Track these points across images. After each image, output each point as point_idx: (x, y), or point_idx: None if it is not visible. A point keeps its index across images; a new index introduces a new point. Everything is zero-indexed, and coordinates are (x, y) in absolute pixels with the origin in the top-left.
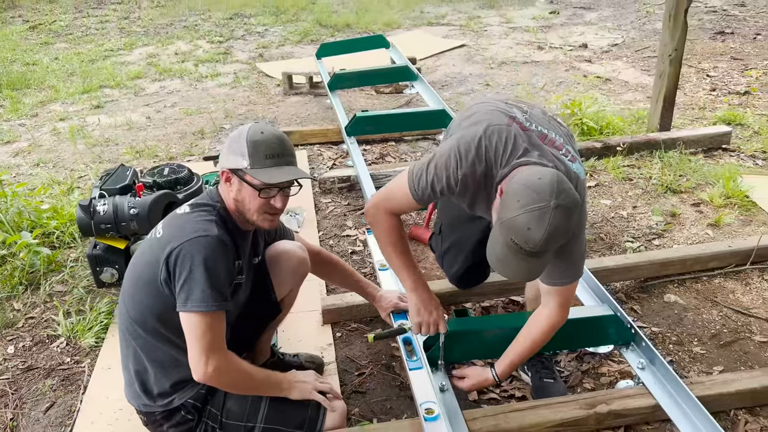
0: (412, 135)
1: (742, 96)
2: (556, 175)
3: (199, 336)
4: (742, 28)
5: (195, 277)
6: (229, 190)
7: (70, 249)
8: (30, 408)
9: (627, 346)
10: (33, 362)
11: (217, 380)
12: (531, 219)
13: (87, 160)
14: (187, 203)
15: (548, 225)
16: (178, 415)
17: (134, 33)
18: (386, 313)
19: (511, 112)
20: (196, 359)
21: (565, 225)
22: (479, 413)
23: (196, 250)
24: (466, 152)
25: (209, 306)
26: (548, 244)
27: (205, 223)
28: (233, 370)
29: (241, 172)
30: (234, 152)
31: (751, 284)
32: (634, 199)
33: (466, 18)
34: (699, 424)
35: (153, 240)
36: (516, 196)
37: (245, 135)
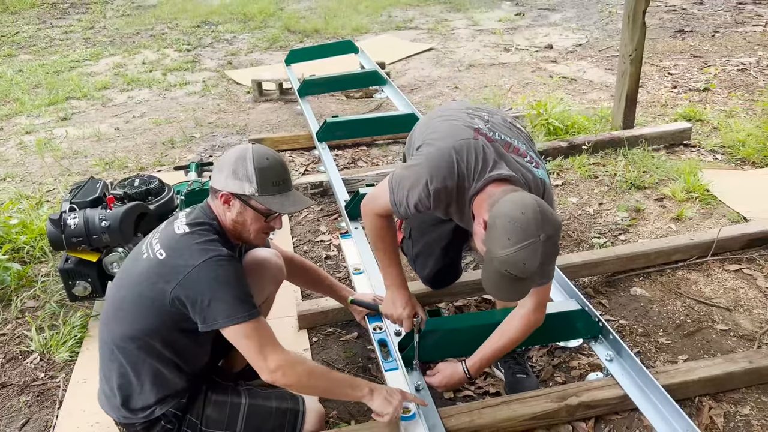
0: (383, 139)
1: (702, 93)
2: (537, 205)
3: (247, 345)
4: (701, 26)
5: (219, 297)
6: (226, 210)
7: (41, 263)
8: (5, 426)
9: (595, 339)
10: (6, 379)
11: (285, 378)
12: (526, 255)
13: (55, 174)
14: (185, 222)
15: (541, 255)
16: (158, 426)
17: (100, 43)
18: (361, 316)
19: (475, 124)
20: (256, 364)
21: (555, 249)
22: (454, 410)
23: (214, 272)
24: (437, 169)
25: (243, 317)
26: (542, 270)
27: (212, 243)
28: (298, 366)
29: (245, 197)
30: (239, 177)
31: (712, 275)
32: (599, 196)
33: (433, 21)
34: (665, 412)
35: (153, 260)
36: (506, 234)
37: (251, 161)
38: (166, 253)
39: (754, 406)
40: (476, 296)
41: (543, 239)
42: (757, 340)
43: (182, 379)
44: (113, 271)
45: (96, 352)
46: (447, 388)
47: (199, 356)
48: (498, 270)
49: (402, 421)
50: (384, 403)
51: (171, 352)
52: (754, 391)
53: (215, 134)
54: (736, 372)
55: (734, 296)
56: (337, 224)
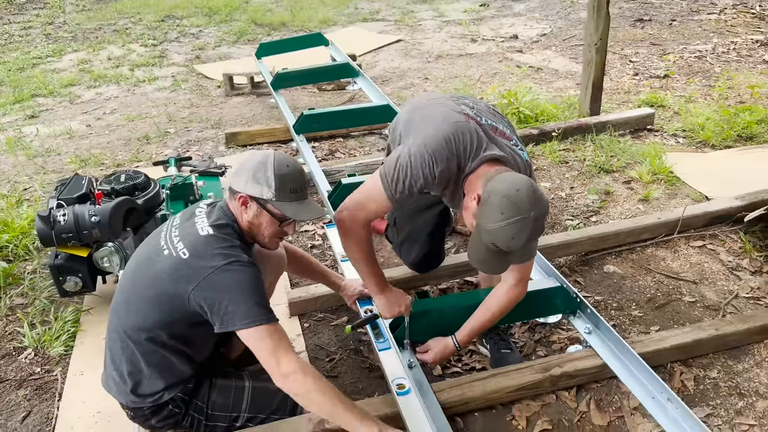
0: (359, 130)
1: (662, 79)
2: (530, 185)
3: (261, 347)
4: (659, 14)
5: (238, 300)
6: (243, 212)
7: (26, 261)
8: (5, 419)
9: (574, 314)
10: (2, 375)
11: (295, 385)
12: (515, 230)
13: (29, 172)
14: (206, 220)
15: (529, 232)
16: (166, 410)
17: (62, 39)
18: (352, 300)
19: (463, 110)
20: (269, 368)
21: (541, 228)
22: (445, 385)
23: (234, 276)
24: (439, 150)
25: (259, 321)
26: (529, 245)
27: (234, 249)
28: (309, 377)
29: (263, 200)
30: (258, 181)
31: (678, 251)
32: (570, 180)
33: (399, 13)
34: (641, 378)
35: (176, 258)
36: (499, 209)
37: (272, 167)
38: (190, 254)
39: (720, 370)
40: (459, 279)
41: (533, 217)
42: (722, 310)
43: (190, 366)
44: (104, 265)
45: (91, 346)
46: (439, 361)
47: (206, 346)
48: (486, 243)
49: (398, 396)
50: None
51: (181, 343)
52: (721, 356)
53: (189, 129)
54: (704, 339)
55: (699, 270)
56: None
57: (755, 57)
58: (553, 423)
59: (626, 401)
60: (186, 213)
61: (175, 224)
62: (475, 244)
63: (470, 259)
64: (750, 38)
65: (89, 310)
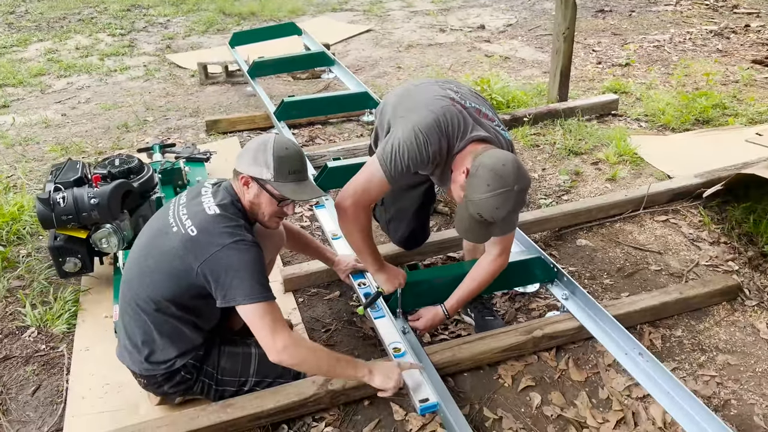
0: (337, 117)
1: (624, 67)
2: (515, 160)
3: (259, 323)
4: (619, 6)
5: (243, 277)
6: (245, 192)
7: (19, 246)
8: (16, 393)
9: (552, 282)
10: (8, 352)
11: (290, 358)
12: (499, 201)
13: (10, 160)
14: (212, 200)
15: (512, 204)
16: (178, 376)
17: (25, 28)
18: (345, 275)
19: (448, 94)
20: (265, 343)
21: (523, 201)
22: (437, 348)
23: (239, 254)
24: (431, 132)
25: (261, 296)
26: (510, 217)
27: (239, 228)
28: (302, 347)
29: (262, 181)
30: (258, 163)
31: (644, 225)
32: (542, 162)
33: (368, 3)
34: (615, 336)
35: (183, 236)
36: (486, 181)
37: (271, 148)
38: (198, 231)
39: (684, 329)
40: (442, 254)
41: (516, 189)
42: (685, 276)
43: (199, 335)
44: (102, 246)
45: (93, 323)
46: (430, 328)
47: (213, 316)
48: (472, 213)
49: (395, 358)
50: (384, 380)
51: (190, 313)
52: (685, 317)
53: (168, 117)
54: (670, 302)
55: (664, 242)
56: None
57: (709, 46)
58: (535, 380)
59: (601, 359)
60: (192, 192)
61: (182, 203)
62: (462, 214)
63: (457, 228)
64: (704, 28)
65: (88, 290)
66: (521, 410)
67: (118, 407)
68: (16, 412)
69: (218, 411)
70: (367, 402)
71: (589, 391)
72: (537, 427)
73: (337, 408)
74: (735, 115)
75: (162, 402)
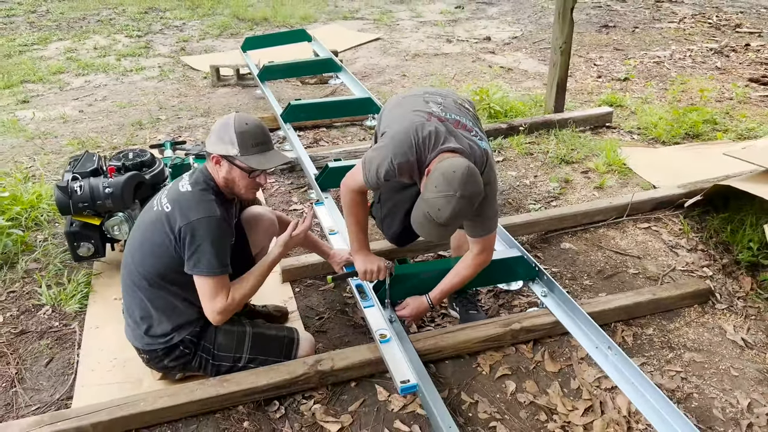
0: (341, 121)
1: (623, 82)
2: (467, 169)
3: (208, 293)
4: (623, 21)
5: (204, 250)
6: (218, 170)
7: (36, 231)
8: (31, 364)
9: (533, 280)
10: (24, 327)
11: (227, 313)
12: (441, 202)
13: (29, 153)
14: (187, 180)
15: (452, 208)
16: (177, 350)
17: (46, 27)
18: (339, 267)
19: (429, 108)
20: (208, 310)
21: (467, 209)
22: (421, 336)
23: (205, 229)
24: (400, 147)
25: (215, 271)
26: (452, 221)
27: (209, 203)
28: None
29: (230, 157)
30: (223, 141)
31: (626, 231)
32: (534, 170)
33: (378, 12)
34: (587, 331)
35: (159, 212)
36: (435, 183)
37: (232, 125)
38: (171, 206)
39: (656, 328)
40: (432, 252)
41: (458, 196)
42: (660, 280)
43: (193, 310)
44: (114, 233)
45: (103, 304)
46: (415, 317)
47: None
48: (423, 210)
49: (381, 344)
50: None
51: (178, 288)
52: (657, 317)
53: (180, 116)
54: (643, 302)
55: (644, 248)
56: (307, 195)
57: (708, 64)
58: (512, 369)
59: (575, 353)
60: (178, 178)
61: (167, 188)
62: (417, 210)
63: (413, 222)
64: (705, 46)
65: (100, 274)
66: (496, 396)
67: (123, 380)
68: (31, 381)
69: (215, 385)
70: (353, 383)
71: (561, 381)
72: (510, 411)
73: (326, 388)
74: (725, 130)
75: (163, 377)
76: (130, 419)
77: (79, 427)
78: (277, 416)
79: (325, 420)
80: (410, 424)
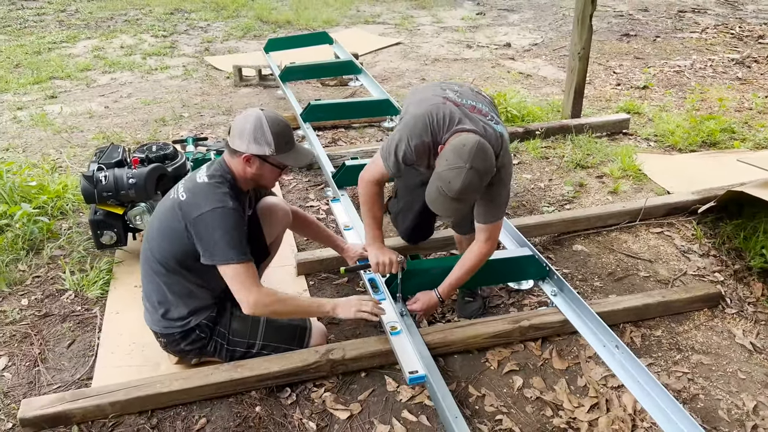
0: (360, 122)
1: (642, 90)
2: (478, 144)
3: (234, 280)
4: (645, 31)
5: (218, 239)
6: (247, 167)
7: (61, 220)
8: (54, 345)
9: (543, 280)
10: (48, 311)
11: (262, 309)
12: (452, 175)
13: (56, 145)
14: (204, 172)
15: (462, 180)
16: (193, 335)
17: (75, 26)
18: (353, 261)
19: (445, 94)
20: (240, 298)
21: (477, 182)
22: (431, 329)
23: (219, 220)
24: (415, 128)
25: (234, 258)
26: (463, 194)
27: (223, 195)
28: (271, 299)
29: (265, 156)
30: (259, 142)
31: (639, 236)
32: (549, 173)
33: (400, 17)
34: (595, 329)
35: (176, 200)
36: (445, 156)
37: (267, 127)
38: (187, 196)
39: (664, 330)
40: (445, 251)
41: (467, 168)
42: (671, 283)
43: (209, 295)
44: (136, 223)
45: (124, 291)
46: (425, 311)
47: (217, 279)
48: (435, 184)
49: (391, 336)
50: (346, 310)
51: (194, 273)
52: (666, 319)
53: (202, 114)
54: (652, 304)
55: (656, 252)
56: (324, 193)
57: (729, 74)
58: (519, 366)
59: (583, 351)
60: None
61: (186, 178)
62: (431, 185)
63: (426, 198)
64: (727, 57)
65: (121, 262)
66: (503, 390)
67: (141, 363)
68: (53, 361)
69: (230, 370)
70: (363, 374)
71: (568, 378)
72: (516, 406)
73: (336, 377)
74: (742, 139)
75: (180, 362)
76: (147, 400)
77: (98, 405)
78: (289, 402)
79: (335, 408)
80: (417, 414)
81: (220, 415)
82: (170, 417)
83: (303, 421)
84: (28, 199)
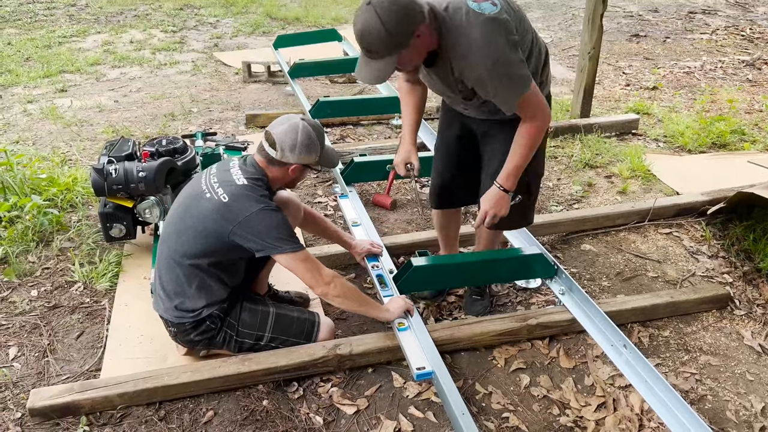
0: (368, 119)
1: (651, 90)
2: None
3: (302, 266)
4: (655, 31)
5: (274, 235)
6: (287, 172)
7: (71, 212)
8: (63, 336)
9: (551, 278)
10: (57, 302)
11: (334, 288)
12: (355, 18)
13: (65, 138)
14: (241, 174)
15: (360, 20)
16: (204, 325)
17: (85, 20)
18: (361, 257)
19: None
20: (314, 280)
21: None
22: (438, 326)
23: (268, 218)
24: None
25: (294, 248)
26: (365, 40)
27: (265, 197)
28: (343, 282)
29: (311, 164)
30: (309, 153)
31: (648, 236)
32: (558, 173)
33: None
34: (603, 328)
35: (218, 202)
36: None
37: (315, 139)
38: (230, 198)
39: (672, 330)
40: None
41: (365, 3)
42: (679, 284)
43: (224, 289)
44: (146, 216)
45: (133, 283)
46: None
47: (238, 274)
48: None
49: (399, 332)
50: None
51: (218, 269)
52: (674, 320)
53: (211, 110)
54: (660, 304)
55: (664, 252)
56: (332, 189)
57: (740, 75)
58: (527, 364)
59: (590, 351)
60: (222, 165)
61: (212, 173)
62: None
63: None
64: (737, 58)
65: (130, 255)
66: (510, 388)
67: (149, 355)
68: (62, 352)
69: (237, 363)
70: (370, 369)
71: (575, 377)
72: (523, 404)
73: (343, 372)
74: (752, 141)
75: (188, 354)
76: (155, 391)
77: (106, 396)
78: (296, 397)
79: (341, 403)
80: (424, 411)
81: (227, 408)
82: (178, 409)
83: (310, 416)
84: (38, 191)
